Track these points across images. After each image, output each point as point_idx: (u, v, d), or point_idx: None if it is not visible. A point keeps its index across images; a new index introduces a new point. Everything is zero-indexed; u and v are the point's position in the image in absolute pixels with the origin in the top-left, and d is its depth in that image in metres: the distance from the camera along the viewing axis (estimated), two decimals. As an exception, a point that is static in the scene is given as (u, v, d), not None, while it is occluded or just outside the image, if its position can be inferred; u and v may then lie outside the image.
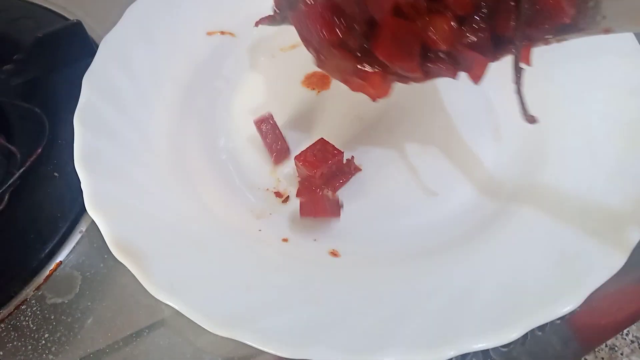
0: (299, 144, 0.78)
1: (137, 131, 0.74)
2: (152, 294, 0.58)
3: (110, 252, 0.61)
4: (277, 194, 0.75)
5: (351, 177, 0.76)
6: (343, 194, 0.75)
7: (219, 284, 0.61)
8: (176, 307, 0.57)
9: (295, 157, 0.73)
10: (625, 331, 0.67)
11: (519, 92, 0.58)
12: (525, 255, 0.63)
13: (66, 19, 0.99)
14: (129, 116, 0.75)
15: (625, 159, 0.67)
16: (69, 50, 0.88)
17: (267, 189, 0.76)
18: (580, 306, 0.57)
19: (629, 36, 0.75)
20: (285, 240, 0.70)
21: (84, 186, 0.65)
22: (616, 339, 0.66)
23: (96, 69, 0.77)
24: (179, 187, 0.71)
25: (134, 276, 0.59)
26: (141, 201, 0.67)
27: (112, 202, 0.65)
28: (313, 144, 0.73)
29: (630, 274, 0.83)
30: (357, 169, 0.77)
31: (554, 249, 0.63)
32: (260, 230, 0.70)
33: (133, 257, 0.60)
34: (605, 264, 0.60)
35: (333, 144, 0.73)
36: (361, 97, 0.65)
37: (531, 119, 0.59)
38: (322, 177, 0.73)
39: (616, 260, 0.60)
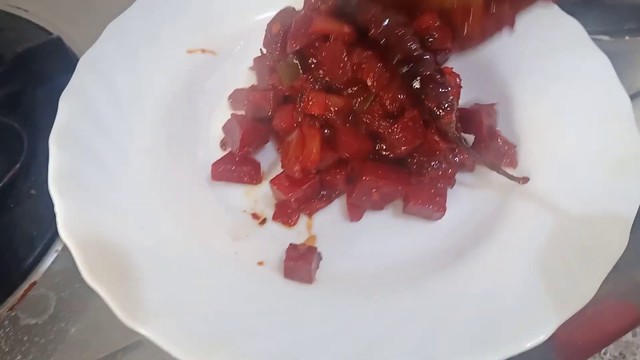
0: (276, 164, 0.78)
1: (116, 152, 0.74)
2: (124, 322, 0.58)
3: (86, 273, 0.61)
4: (254, 216, 0.75)
5: (330, 202, 0.76)
6: (320, 217, 0.75)
7: (192, 310, 0.61)
8: (147, 335, 0.57)
9: (271, 181, 0.73)
10: (603, 350, 0.68)
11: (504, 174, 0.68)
12: (499, 284, 0.64)
13: (49, 32, 0.99)
14: (107, 136, 0.74)
15: (599, 188, 0.68)
16: (49, 66, 0.88)
17: (244, 211, 0.76)
18: (560, 326, 0.58)
19: (606, 63, 0.75)
20: (261, 263, 0.70)
21: (57, 210, 0.65)
22: (594, 358, 0.67)
23: (74, 88, 0.76)
24: (157, 210, 0.71)
25: (110, 299, 0.59)
26: (117, 226, 0.66)
27: (87, 227, 0.65)
28: (290, 166, 0.73)
29: (609, 294, 0.84)
30: (341, 194, 0.77)
31: (527, 278, 0.63)
32: (236, 253, 0.70)
33: (105, 284, 0.60)
34: (577, 295, 0.60)
35: (310, 166, 0.73)
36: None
37: (524, 181, 0.68)
38: (298, 201, 0.73)
39: (587, 291, 0.60)
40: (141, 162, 0.75)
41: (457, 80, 0.74)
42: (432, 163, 0.72)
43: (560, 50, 0.79)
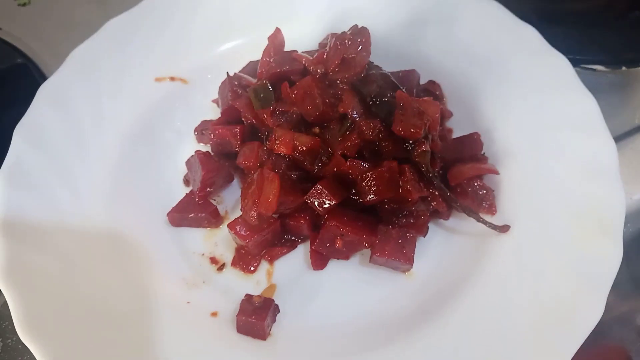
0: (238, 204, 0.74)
1: (69, 191, 0.70)
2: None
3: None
4: (213, 260, 0.71)
5: (293, 248, 0.72)
6: (282, 265, 0.71)
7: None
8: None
9: (228, 225, 0.69)
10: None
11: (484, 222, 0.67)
12: (469, 345, 0.59)
13: (22, 53, 0.96)
14: (62, 174, 0.71)
15: (577, 247, 0.62)
16: (13, 92, 0.84)
17: (203, 254, 0.72)
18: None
19: (594, 107, 0.70)
20: (214, 314, 0.66)
21: (-1, 254, 0.61)
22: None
23: (31, 119, 0.73)
24: (108, 256, 0.67)
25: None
26: (61, 274, 0.63)
27: (27, 275, 0.61)
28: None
29: (605, 336, 0.79)
30: (305, 240, 0.73)
31: (500, 342, 0.59)
32: (189, 302, 0.66)
33: (40, 341, 0.56)
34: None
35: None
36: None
37: (504, 229, 0.66)
38: (258, 246, 0.69)
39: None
40: (96, 201, 0.71)
41: (437, 110, 0.69)
42: (404, 211, 0.68)
43: (547, 92, 0.73)
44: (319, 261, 0.70)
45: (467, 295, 0.64)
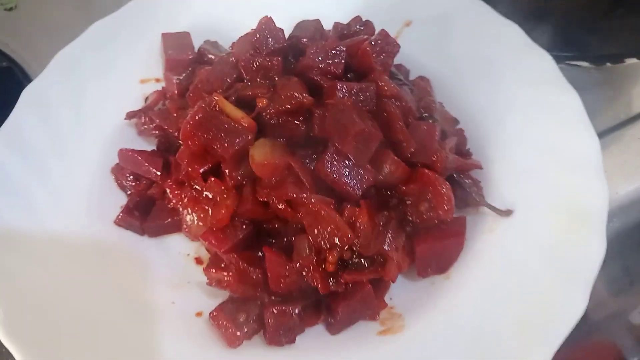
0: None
1: (51, 196, 0.70)
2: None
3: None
4: (198, 260, 0.71)
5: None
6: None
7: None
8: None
9: (201, 236, 0.67)
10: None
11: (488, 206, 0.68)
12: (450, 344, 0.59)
13: (7, 56, 0.96)
14: (43, 179, 0.71)
15: (561, 241, 0.62)
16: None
17: (188, 254, 0.72)
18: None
19: (577, 102, 0.70)
20: (199, 314, 0.66)
21: (-22, 260, 0.61)
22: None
23: (12, 125, 0.73)
24: (90, 259, 0.67)
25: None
26: (43, 278, 0.63)
27: (8, 279, 0.61)
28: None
29: (597, 332, 0.79)
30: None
31: (481, 340, 0.59)
32: (173, 302, 0.66)
33: (22, 344, 0.56)
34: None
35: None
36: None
37: (507, 213, 0.67)
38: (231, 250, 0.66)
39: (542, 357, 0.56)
40: (79, 206, 0.71)
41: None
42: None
43: (531, 88, 0.73)
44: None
45: (452, 290, 0.64)
